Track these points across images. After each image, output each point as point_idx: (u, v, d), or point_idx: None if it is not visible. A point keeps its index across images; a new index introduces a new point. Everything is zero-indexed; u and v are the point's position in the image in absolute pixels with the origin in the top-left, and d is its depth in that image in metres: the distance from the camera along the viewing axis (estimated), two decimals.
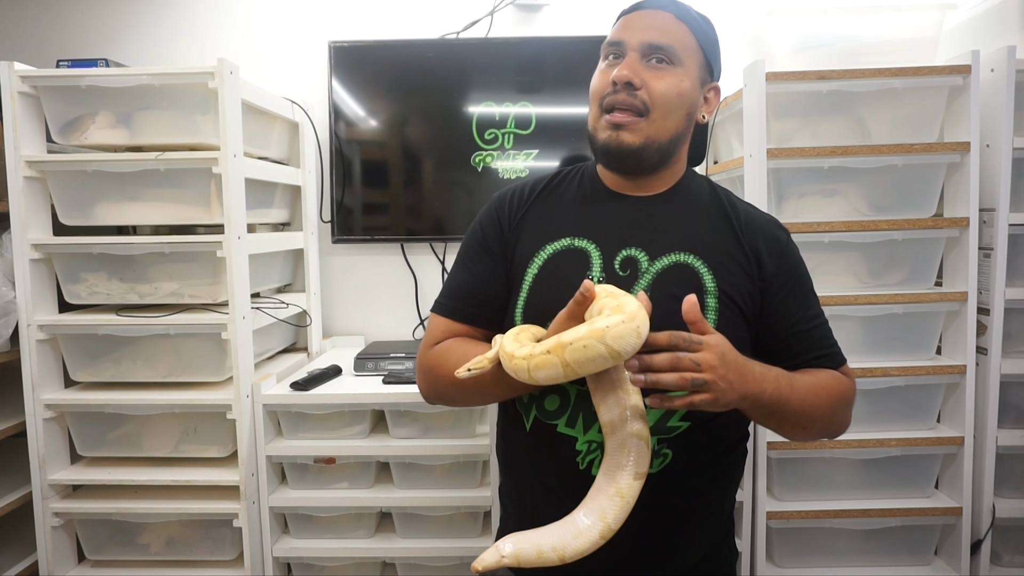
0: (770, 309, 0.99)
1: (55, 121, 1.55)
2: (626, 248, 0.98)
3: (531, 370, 0.81)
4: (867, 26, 1.57)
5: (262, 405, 1.57)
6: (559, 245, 1.01)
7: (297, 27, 2.07)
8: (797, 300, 1.01)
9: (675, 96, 0.96)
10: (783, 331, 1.00)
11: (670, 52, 0.96)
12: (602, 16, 2.05)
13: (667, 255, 0.97)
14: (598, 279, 0.97)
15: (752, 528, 1.58)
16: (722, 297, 0.96)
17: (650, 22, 0.97)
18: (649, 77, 0.95)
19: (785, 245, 1.02)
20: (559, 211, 1.05)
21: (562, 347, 0.78)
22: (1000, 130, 1.49)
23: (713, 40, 1.02)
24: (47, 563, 1.59)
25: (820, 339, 1.02)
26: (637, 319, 0.78)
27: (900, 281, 1.59)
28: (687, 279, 0.96)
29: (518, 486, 1.05)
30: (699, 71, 1.00)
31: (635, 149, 0.97)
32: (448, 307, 1.05)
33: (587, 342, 0.77)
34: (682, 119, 0.99)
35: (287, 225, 2.03)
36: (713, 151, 1.96)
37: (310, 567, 1.69)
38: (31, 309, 1.54)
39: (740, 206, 1.04)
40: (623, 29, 0.99)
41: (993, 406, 1.55)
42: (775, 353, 0.99)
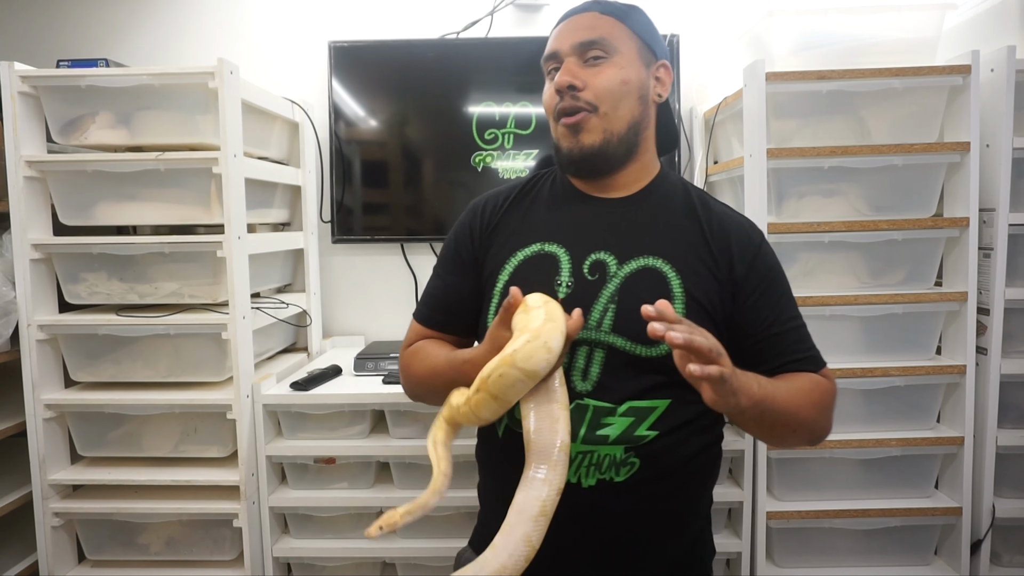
0: (742, 312, 0.98)
1: (55, 121, 1.55)
2: (595, 252, 0.98)
3: (476, 413, 0.85)
4: (867, 26, 1.57)
5: (262, 405, 1.57)
6: (529, 251, 1.01)
7: (297, 27, 2.07)
8: (771, 303, 0.99)
9: (619, 85, 0.97)
10: (756, 334, 0.98)
11: (603, 44, 0.97)
12: None
13: (635, 259, 0.97)
14: (567, 284, 0.97)
15: (752, 528, 1.58)
16: (689, 302, 0.95)
17: (577, 25, 0.99)
18: (588, 75, 0.96)
19: (758, 247, 1.01)
20: (530, 217, 1.05)
21: (484, 382, 0.82)
22: (1000, 130, 1.49)
23: (645, 23, 1.03)
24: (47, 563, 1.59)
25: (796, 342, 1.00)
26: (543, 335, 0.80)
27: (900, 281, 1.59)
28: (655, 284, 0.95)
29: (494, 488, 1.05)
30: (639, 54, 1.00)
31: (597, 147, 0.98)
32: (422, 314, 1.10)
33: (502, 371, 0.80)
34: (635, 104, 0.99)
35: (287, 225, 2.03)
36: (713, 151, 1.96)
37: (310, 567, 1.69)
38: (31, 309, 1.54)
39: (714, 208, 1.03)
40: (554, 40, 1.01)
41: (993, 406, 1.55)
42: (750, 358, 0.97)
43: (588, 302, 0.95)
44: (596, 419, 0.93)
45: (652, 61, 1.03)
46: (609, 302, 0.95)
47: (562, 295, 0.96)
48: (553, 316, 0.83)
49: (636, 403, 0.93)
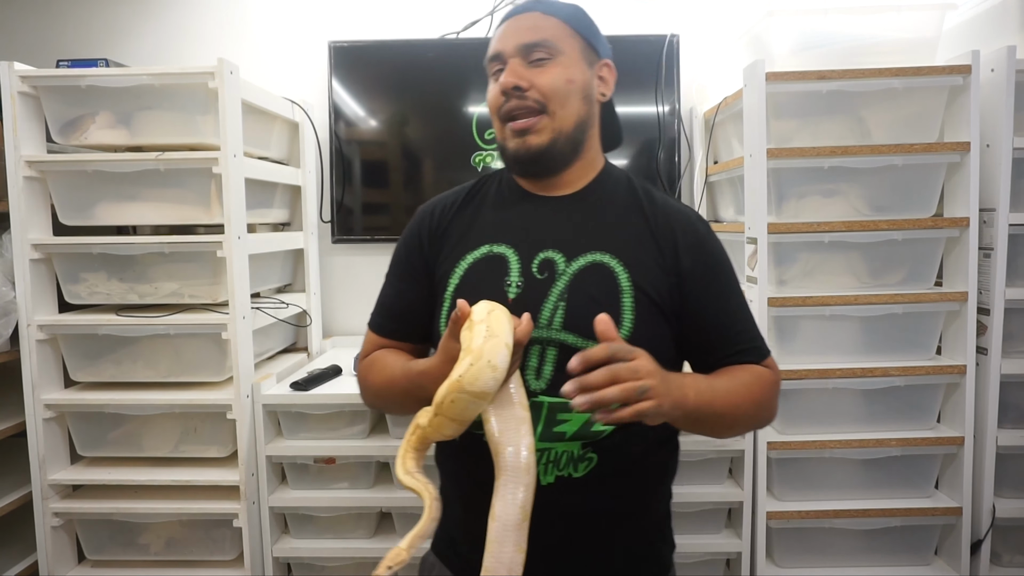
0: (689, 303, 0.98)
1: (55, 121, 1.55)
2: (543, 250, 0.99)
3: (440, 432, 0.86)
4: (867, 26, 1.57)
5: (262, 405, 1.57)
6: (479, 253, 1.01)
7: (297, 27, 2.07)
8: (716, 294, 1.00)
9: (564, 84, 0.97)
10: (703, 325, 0.99)
11: (547, 46, 0.97)
12: (602, 16, 2.04)
13: (583, 255, 0.97)
14: (516, 284, 0.97)
15: (752, 528, 1.58)
16: (638, 296, 0.95)
17: (521, 25, 0.99)
18: (534, 75, 0.96)
19: (703, 238, 1.01)
20: (478, 219, 1.05)
21: (440, 407, 0.82)
22: (1000, 130, 1.49)
23: (587, 23, 1.02)
24: (47, 563, 1.59)
25: (741, 333, 1.00)
26: (485, 354, 0.80)
27: (900, 281, 1.59)
28: (603, 279, 0.96)
29: (455, 490, 1.05)
30: (582, 54, 1.00)
31: (545, 148, 0.97)
32: (376, 323, 1.10)
33: (452, 397, 0.81)
34: (580, 104, 1.00)
35: (287, 225, 2.03)
36: (713, 151, 1.96)
37: (310, 567, 1.69)
38: (31, 309, 1.54)
39: (658, 199, 1.04)
40: (498, 41, 1.00)
41: (993, 406, 1.55)
42: (697, 349, 1.00)
43: (538, 301, 0.95)
44: (552, 416, 0.93)
45: (595, 60, 1.03)
46: (559, 300, 0.95)
47: (512, 295, 0.97)
48: (494, 331, 0.83)
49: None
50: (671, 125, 1.99)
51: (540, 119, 0.97)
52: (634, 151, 2.01)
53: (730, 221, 1.87)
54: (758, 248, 1.54)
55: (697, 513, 1.62)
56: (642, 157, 2.00)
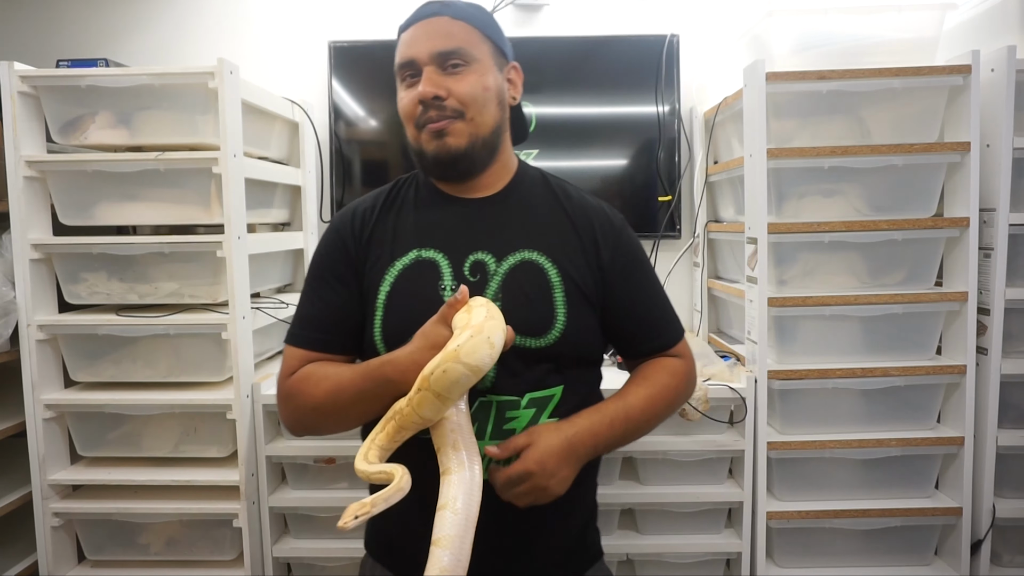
0: (610, 295, 1.03)
1: (55, 121, 1.55)
2: (473, 253, 1.00)
3: (418, 412, 0.85)
4: (867, 26, 1.57)
5: (262, 405, 1.57)
6: (407, 259, 1.01)
7: (297, 27, 2.07)
8: (635, 285, 1.06)
9: (482, 91, 0.98)
10: (624, 315, 1.05)
11: (462, 53, 0.97)
12: (602, 16, 2.05)
13: (512, 254, 1.00)
14: (451, 288, 0.98)
15: (752, 528, 1.58)
16: (569, 289, 0.99)
17: (432, 31, 0.98)
18: (451, 83, 0.96)
19: (619, 232, 1.06)
20: (401, 224, 1.05)
21: (426, 380, 0.83)
22: (1000, 130, 1.49)
23: (493, 25, 1.03)
24: (47, 563, 1.59)
25: (659, 320, 1.09)
26: (485, 330, 0.83)
27: (900, 281, 1.59)
28: (534, 276, 0.99)
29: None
30: (493, 58, 1.01)
31: (464, 151, 0.98)
32: (304, 337, 1.03)
33: (446, 366, 0.81)
34: (496, 109, 1.01)
35: (287, 225, 2.02)
36: (713, 151, 1.96)
37: (310, 567, 1.69)
38: (31, 309, 1.54)
39: (574, 195, 1.08)
40: (409, 47, 0.99)
41: (993, 406, 1.55)
42: (620, 338, 1.08)
43: None
44: (501, 414, 0.95)
45: (504, 64, 1.04)
46: (494, 300, 0.96)
47: (448, 298, 0.96)
48: (494, 314, 0.86)
49: (535, 394, 0.97)
50: (671, 125, 1.99)
51: (457, 123, 0.97)
52: (634, 151, 2.01)
53: (730, 221, 1.87)
54: (758, 248, 1.54)
55: (697, 513, 1.62)
56: (642, 157, 2.00)
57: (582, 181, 2.03)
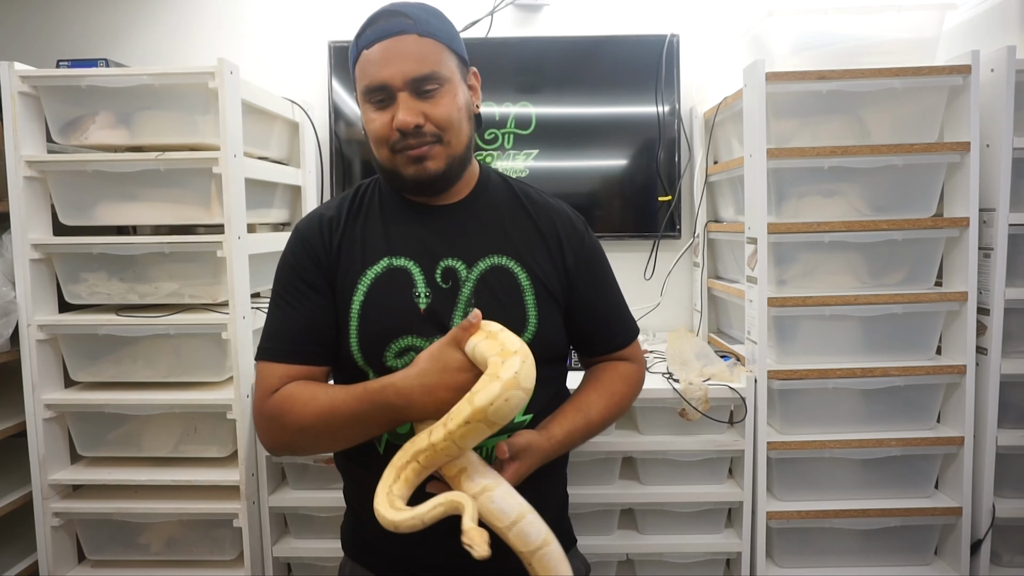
0: (574, 295, 1.07)
1: (55, 121, 1.55)
2: (443, 259, 1.01)
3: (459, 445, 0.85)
4: (867, 26, 1.57)
5: None
6: (379, 268, 1.00)
7: (297, 27, 2.07)
8: (597, 287, 1.10)
9: (456, 112, 0.97)
10: (585, 316, 1.09)
11: (435, 77, 0.95)
12: (602, 16, 2.05)
13: (482, 260, 1.02)
14: (425, 295, 0.99)
15: (752, 528, 1.58)
16: (539, 292, 1.02)
17: (402, 53, 0.94)
18: (427, 108, 0.95)
19: (582, 234, 1.09)
20: (370, 232, 1.04)
21: (482, 412, 0.82)
22: (1000, 130, 1.49)
23: (452, 32, 1.01)
24: (47, 563, 1.59)
25: (616, 321, 1.13)
26: (530, 353, 0.87)
27: (900, 281, 1.59)
28: (505, 280, 1.01)
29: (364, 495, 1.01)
30: (459, 72, 1.00)
31: (442, 173, 0.99)
32: (281, 351, 0.99)
33: (508, 395, 0.82)
34: (468, 125, 1.02)
35: (287, 225, 2.02)
36: (713, 151, 1.96)
37: (310, 567, 1.69)
38: (31, 309, 1.54)
39: (537, 199, 1.10)
40: (380, 69, 0.94)
41: (993, 406, 1.55)
42: (579, 338, 1.12)
43: (448, 309, 0.99)
44: None
45: (466, 72, 1.03)
46: (467, 306, 0.99)
47: (423, 306, 0.98)
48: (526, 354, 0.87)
49: None
50: (671, 125, 1.99)
51: (435, 147, 0.97)
52: (634, 151, 2.01)
53: (730, 221, 1.87)
54: (758, 248, 1.54)
55: (697, 513, 1.62)
56: (642, 157, 2.00)
57: (582, 181, 2.04)
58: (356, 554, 1.10)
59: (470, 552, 0.79)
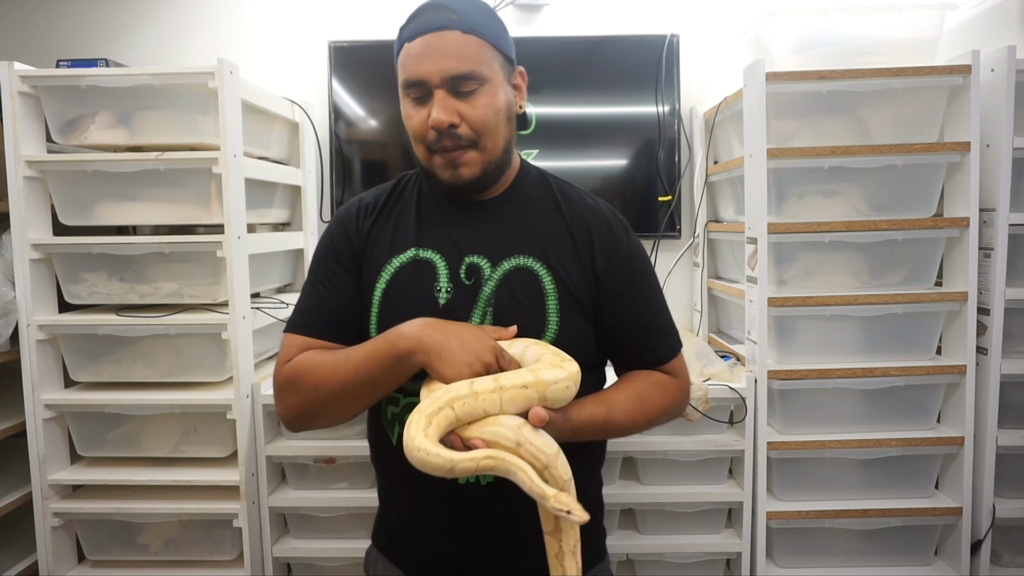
0: (604, 305, 1.00)
1: (55, 121, 1.55)
2: (469, 256, 0.99)
3: (505, 403, 0.85)
4: (867, 26, 1.57)
5: (262, 405, 1.57)
6: (405, 257, 1.01)
7: (297, 27, 2.07)
8: (632, 296, 1.02)
9: (494, 115, 0.95)
10: (618, 327, 1.02)
11: (475, 76, 0.92)
12: (602, 16, 2.05)
13: (508, 260, 0.98)
14: (446, 290, 0.98)
15: (752, 528, 1.58)
16: (562, 297, 0.97)
17: (442, 49, 0.92)
18: (464, 108, 0.93)
19: (619, 239, 1.02)
20: (402, 222, 1.04)
21: (545, 385, 0.85)
22: (1000, 130, 1.49)
23: (498, 30, 0.97)
24: (47, 563, 1.59)
25: (653, 334, 1.04)
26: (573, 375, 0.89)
27: (900, 281, 1.59)
28: (528, 283, 0.97)
29: (391, 490, 1.07)
30: (502, 72, 0.97)
31: (478, 178, 0.97)
32: (308, 325, 1.01)
33: (569, 383, 0.87)
34: (507, 127, 0.99)
35: (287, 225, 2.02)
36: (713, 151, 1.96)
37: (310, 567, 1.69)
38: (31, 309, 1.54)
39: (576, 199, 1.04)
40: (418, 64, 0.93)
41: (993, 406, 1.55)
42: (613, 350, 1.04)
43: (468, 307, 0.97)
44: None
45: (511, 71, 1.00)
46: (487, 305, 0.96)
47: (442, 301, 0.97)
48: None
49: None
50: (671, 125, 1.99)
51: (470, 153, 0.95)
52: (634, 151, 2.01)
53: (730, 221, 1.87)
54: (758, 248, 1.54)
55: (697, 513, 1.62)
56: (642, 157, 2.00)
57: (582, 181, 2.02)
58: (382, 543, 1.11)
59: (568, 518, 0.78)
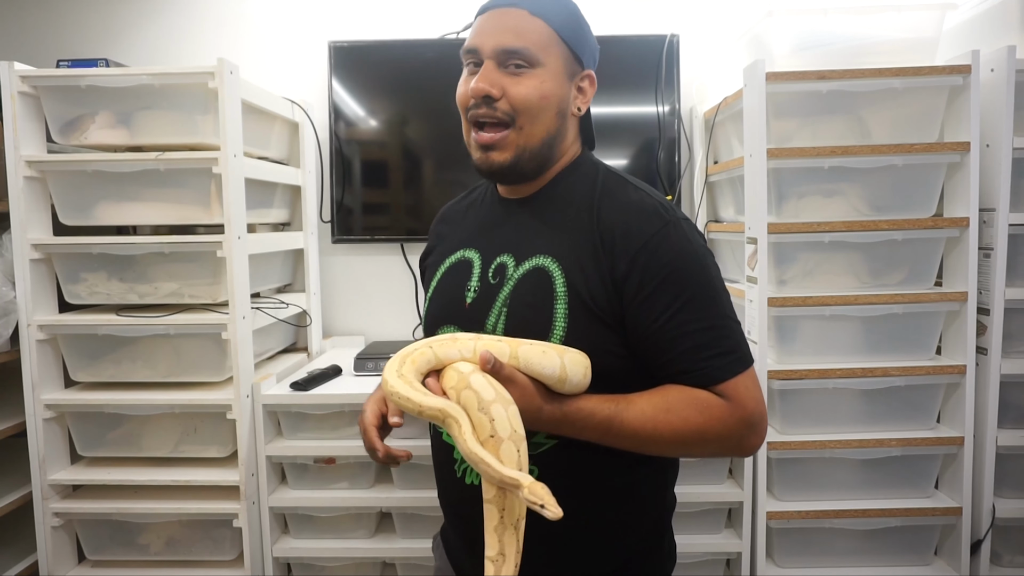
0: (628, 312, 0.89)
1: (55, 121, 1.55)
2: (499, 255, 0.97)
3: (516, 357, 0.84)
4: (867, 26, 1.57)
5: (262, 405, 1.56)
6: (454, 258, 1.02)
7: (297, 27, 2.07)
8: (660, 305, 0.87)
9: (537, 99, 0.91)
10: (642, 338, 0.89)
11: (526, 55, 0.90)
12: (602, 16, 2.05)
13: (529, 259, 0.94)
14: (474, 290, 0.97)
15: (752, 528, 1.58)
16: (573, 302, 0.89)
17: (503, 23, 0.91)
18: (508, 84, 0.90)
19: (650, 242, 0.88)
20: (463, 223, 1.07)
21: (517, 343, 0.84)
22: (1000, 130, 1.49)
23: (575, 28, 0.95)
24: (47, 563, 1.59)
25: (686, 352, 0.87)
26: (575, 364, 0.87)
27: (900, 281, 1.59)
28: (541, 284, 0.91)
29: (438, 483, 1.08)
30: (564, 65, 0.93)
31: (508, 165, 0.93)
32: None
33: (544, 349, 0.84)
34: (552, 119, 0.93)
35: (287, 225, 2.02)
36: (713, 151, 1.96)
37: (310, 567, 1.69)
38: (31, 309, 1.54)
39: (618, 193, 0.94)
40: (477, 34, 0.93)
41: (993, 406, 1.55)
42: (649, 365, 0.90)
43: (488, 307, 0.95)
44: None
45: (577, 72, 0.96)
46: (503, 306, 0.93)
47: (469, 300, 0.97)
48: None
49: None
50: (671, 125, 1.99)
51: (506, 134, 0.92)
52: (634, 151, 2.01)
53: (730, 221, 1.87)
54: (758, 248, 1.54)
55: (697, 513, 1.62)
56: (642, 157, 2.00)
57: None
58: (444, 534, 1.12)
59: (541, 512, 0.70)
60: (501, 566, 0.77)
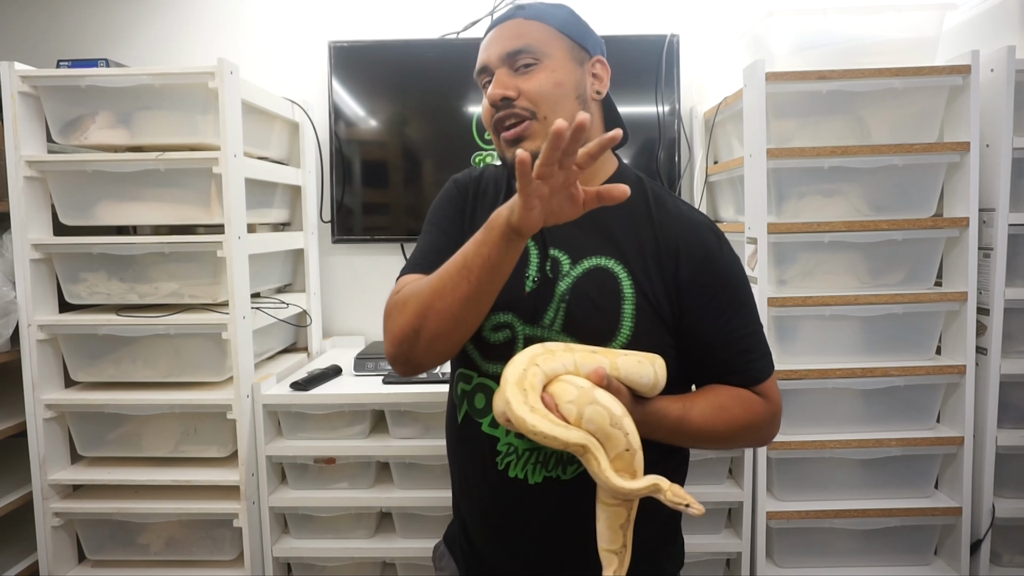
0: (688, 316, 0.96)
1: (55, 121, 1.55)
2: (553, 249, 0.98)
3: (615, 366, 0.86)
4: (867, 26, 1.57)
5: (262, 405, 1.57)
6: None
7: (297, 27, 2.07)
8: (717, 312, 0.96)
9: (552, 88, 0.94)
10: (699, 342, 0.96)
11: (530, 51, 0.94)
12: (602, 16, 2.05)
13: (588, 258, 0.97)
14: (534, 279, 0.97)
15: (752, 528, 1.58)
16: (640, 303, 0.94)
17: (503, 34, 0.97)
18: (521, 82, 0.94)
19: (711, 252, 0.97)
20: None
21: (614, 354, 0.87)
22: (1000, 130, 1.49)
23: (573, 22, 1.00)
24: (47, 563, 1.59)
25: (738, 355, 0.97)
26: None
27: (900, 281, 1.59)
28: (606, 284, 0.95)
29: (450, 465, 1.09)
30: (570, 54, 0.98)
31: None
32: (425, 264, 0.99)
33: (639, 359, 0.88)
34: (574, 105, 0.97)
35: (287, 225, 2.03)
36: (713, 151, 1.96)
37: (310, 567, 1.69)
38: (31, 309, 1.54)
39: (670, 207, 1.00)
40: (483, 52, 0.99)
41: (993, 406, 1.55)
42: (697, 366, 0.98)
43: (546, 299, 0.96)
44: None
45: (586, 58, 1.00)
46: (560, 301, 0.95)
47: (529, 288, 0.97)
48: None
49: None
50: (671, 125, 1.99)
51: (529, 124, 0.94)
52: (634, 151, 2.01)
53: (730, 221, 1.87)
54: (758, 248, 1.54)
55: None
56: (642, 157, 2.00)
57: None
58: (449, 541, 1.11)
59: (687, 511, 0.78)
60: (624, 556, 0.84)
